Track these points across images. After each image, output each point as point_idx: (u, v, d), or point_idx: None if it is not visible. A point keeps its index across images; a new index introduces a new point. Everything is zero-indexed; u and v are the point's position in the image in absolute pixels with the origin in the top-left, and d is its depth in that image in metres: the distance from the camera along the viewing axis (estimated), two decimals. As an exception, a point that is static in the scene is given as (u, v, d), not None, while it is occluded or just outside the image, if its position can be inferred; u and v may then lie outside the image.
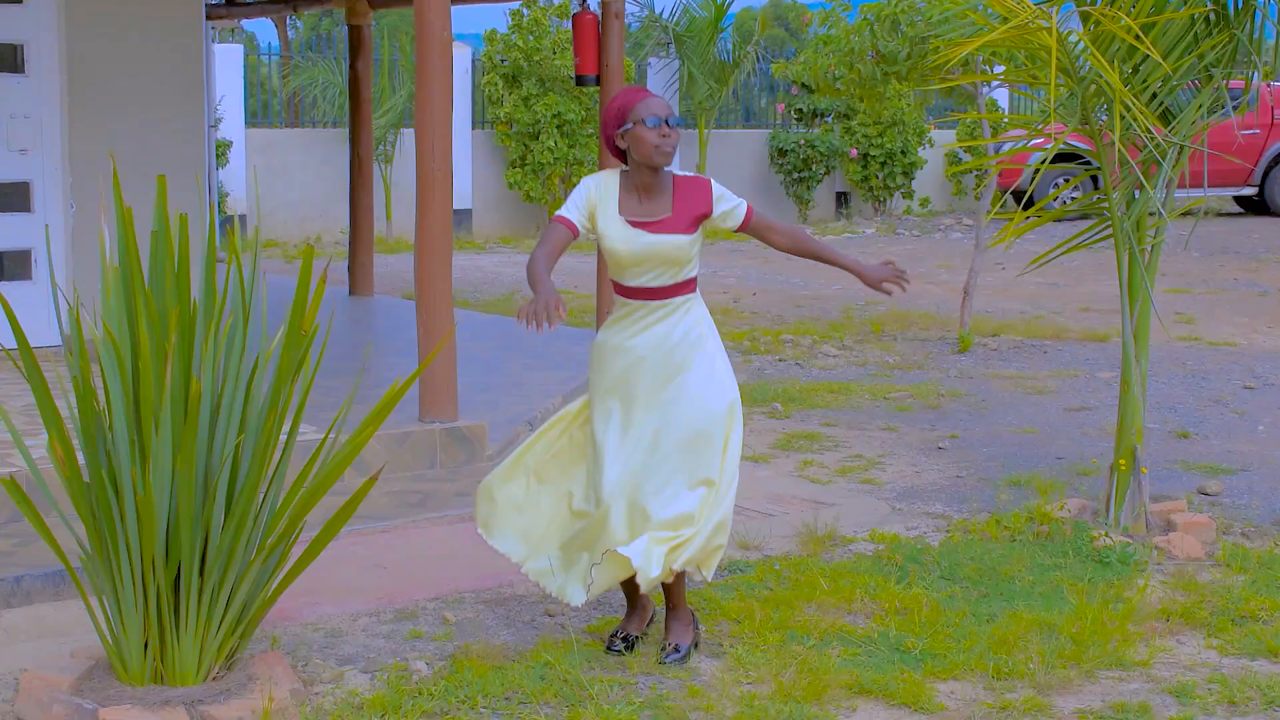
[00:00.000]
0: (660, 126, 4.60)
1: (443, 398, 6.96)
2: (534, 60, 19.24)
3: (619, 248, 4.63)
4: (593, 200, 4.67)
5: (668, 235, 4.63)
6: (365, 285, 12.19)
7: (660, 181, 4.69)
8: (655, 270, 4.64)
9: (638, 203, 4.66)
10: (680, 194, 4.69)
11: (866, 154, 21.69)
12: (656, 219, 4.64)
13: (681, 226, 4.65)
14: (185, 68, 8.97)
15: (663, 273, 4.66)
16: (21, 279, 8.64)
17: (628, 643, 4.78)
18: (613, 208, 4.66)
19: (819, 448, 7.86)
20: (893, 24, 10.61)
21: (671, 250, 4.63)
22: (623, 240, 4.62)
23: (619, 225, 4.64)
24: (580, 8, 9.60)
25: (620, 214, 4.65)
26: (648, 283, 4.66)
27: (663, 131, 4.60)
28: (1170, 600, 5.33)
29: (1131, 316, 6.16)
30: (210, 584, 4.22)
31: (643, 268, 4.64)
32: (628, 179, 4.70)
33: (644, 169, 4.66)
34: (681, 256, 4.65)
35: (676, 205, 4.67)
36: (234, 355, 4.27)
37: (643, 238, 4.62)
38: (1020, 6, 5.57)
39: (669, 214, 4.65)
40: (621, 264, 4.65)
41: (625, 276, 4.68)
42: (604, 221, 4.65)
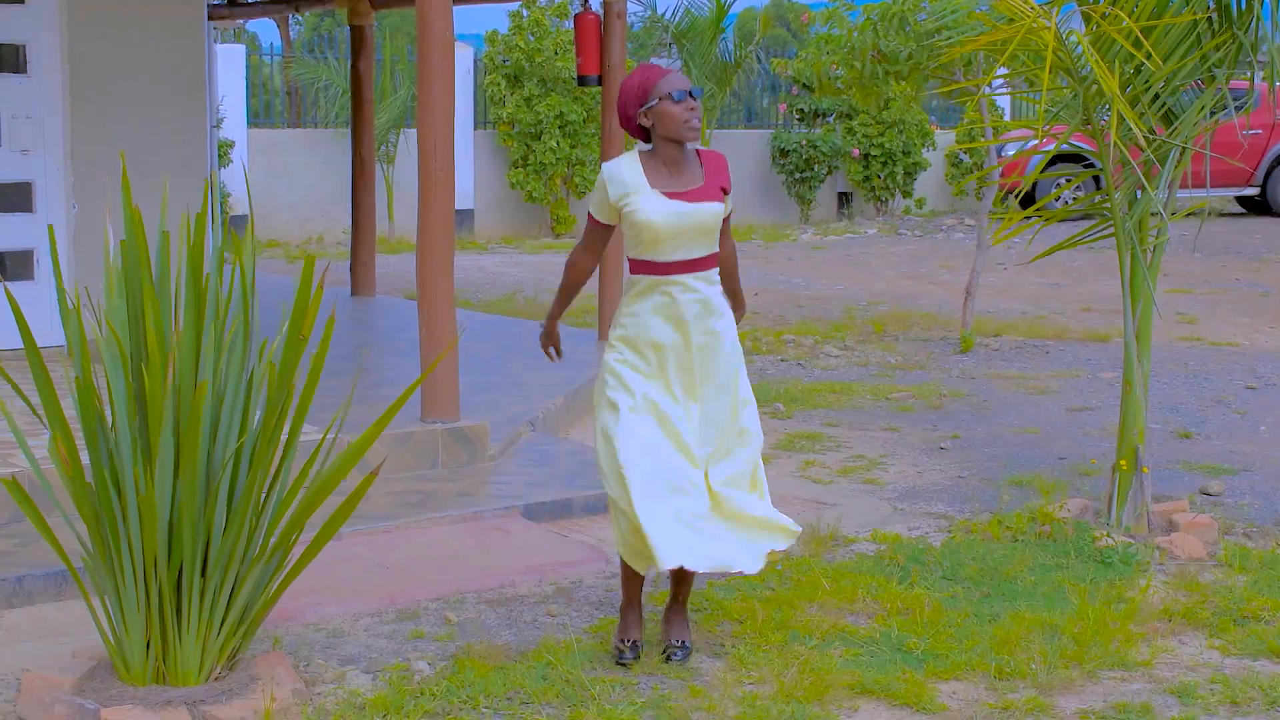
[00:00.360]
0: (686, 100, 4.62)
1: (445, 398, 6.96)
2: (536, 61, 19.24)
3: (659, 221, 4.60)
4: (614, 188, 4.66)
5: (705, 203, 4.65)
6: (367, 285, 12.19)
7: (685, 155, 4.72)
8: (693, 241, 4.65)
9: (668, 175, 4.67)
10: (706, 165, 4.73)
11: (868, 154, 21.70)
12: (690, 188, 4.66)
13: (714, 194, 4.69)
14: (187, 68, 8.98)
15: (700, 242, 4.67)
16: (24, 279, 8.64)
17: (637, 650, 4.77)
18: (642, 183, 4.64)
19: (821, 448, 7.86)
20: (899, 22, 10.60)
21: (709, 218, 4.66)
22: (662, 214, 4.60)
23: (656, 199, 4.62)
24: (582, 8, 9.60)
25: (653, 188, 4.64)
26: (686, 255, 4.65)
27: (689, 105, 4.62)
28: (1172, 600, 5.33)
29: (1133, 317, 6.16)
30: (212, 584, 4.22)
31: (681, 239, 4.64)
32: (651, 157, 4.70)
33: (670, 144, 4.67)
34: (716, 224, 4.69)
35: (707, 175, 4.70)
36: (236, 355, 4.27)
37: (682, 208, 4.62)
38: (1023, 6, 5.57)
39: (701, 183, 4.68)
40: (660, 238, 4.63)
41: (662, 251, 4.65)
42: (640, 201, 4.62)
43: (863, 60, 10.88)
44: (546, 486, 6.63)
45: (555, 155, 19.25)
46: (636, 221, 4.62)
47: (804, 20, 23.31)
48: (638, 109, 4.68)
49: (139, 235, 4.16)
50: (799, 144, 21.51)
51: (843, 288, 14.75)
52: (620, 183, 4.65)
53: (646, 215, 4.61)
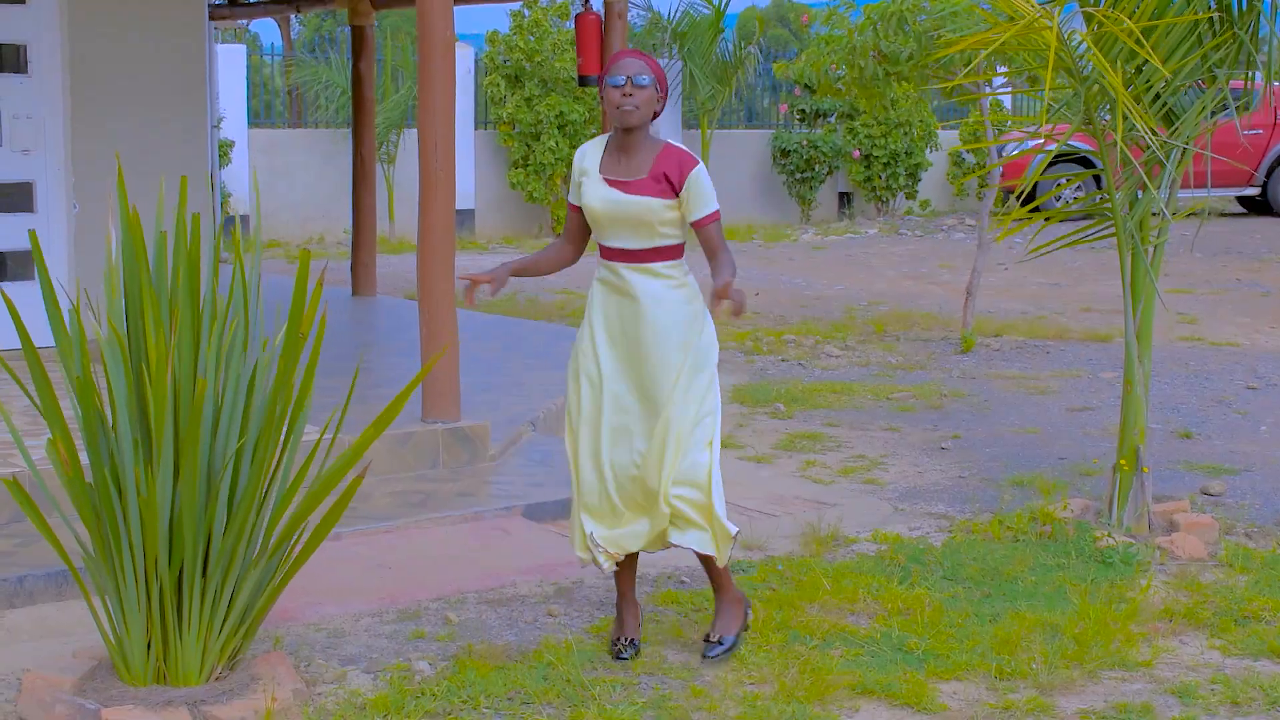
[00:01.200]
0: (624, 85, 4.62)
1: (445, 398, 6.96)
2: (536, 61, 19.24)
3: (594, 204, 4.70)
4: (576, 170, 4.79)
5: (638, 196, 4.65)
6: (368, 285, 12.19)
7: (641, 144, 4.71)
8: (628, 231, 4.68)
9: (616, 162, 4.72)
10: (661, 160, 4.69)
11: (869, 154, 21.70)
12: (628, 179, 4.68)
13: (653, 189, 4.65)
14: (187, 68, 8.98)
15: (635, 234, 4.68)
16: (25, 279, 8.64)
17: (635, 647, 4.77)
18: (593, 168, 4.73)
19: (821, 448, 7.86)
20: (899, 22, 10.60)
21: (641, 211, 4.64)
22: (597, 197, 4.69)
23: (596, 183, 4.71)
24: (583, 8, 9.59)
25: (600, 172, 4.72)
26: (622, 244, 4.70)
27: (625, 90, 4.62)
28: (1173, 600, 5.33)
29: (1134, 317, 6.16)
30: (213, 584, 4.22)
31: (616, 227, 4.69)
32: (613, 141, 4.76)
33: (619, 131, 4.71)
34: (651, 219, 4.65)
35: (654, 169, 4.68)
36: (236, 355, 4.27)
37: (615, 196, 4.66)
38: (1025, 5, 5.57)
39: (644, 176, 4.68)
40: (597, 221, 4.73)
41: (603, 235, 4.75)
42: (586, 184, 4.73)
43: (864, 60, 10.88)
44: (547, 486, 6.62)
45: (555, 155, 19.26)
46: (583, 203, 4.75)
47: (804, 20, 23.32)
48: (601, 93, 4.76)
49: (137, 235, 4.16)
50: (800, 144, 21.51)
51: (843, 288, 14.75)
52: (581, 164, 4.78)
53: (588, 200, 4.72)
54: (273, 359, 4.31)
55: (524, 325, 10.95)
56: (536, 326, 11.00)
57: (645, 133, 4.71)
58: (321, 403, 4.56)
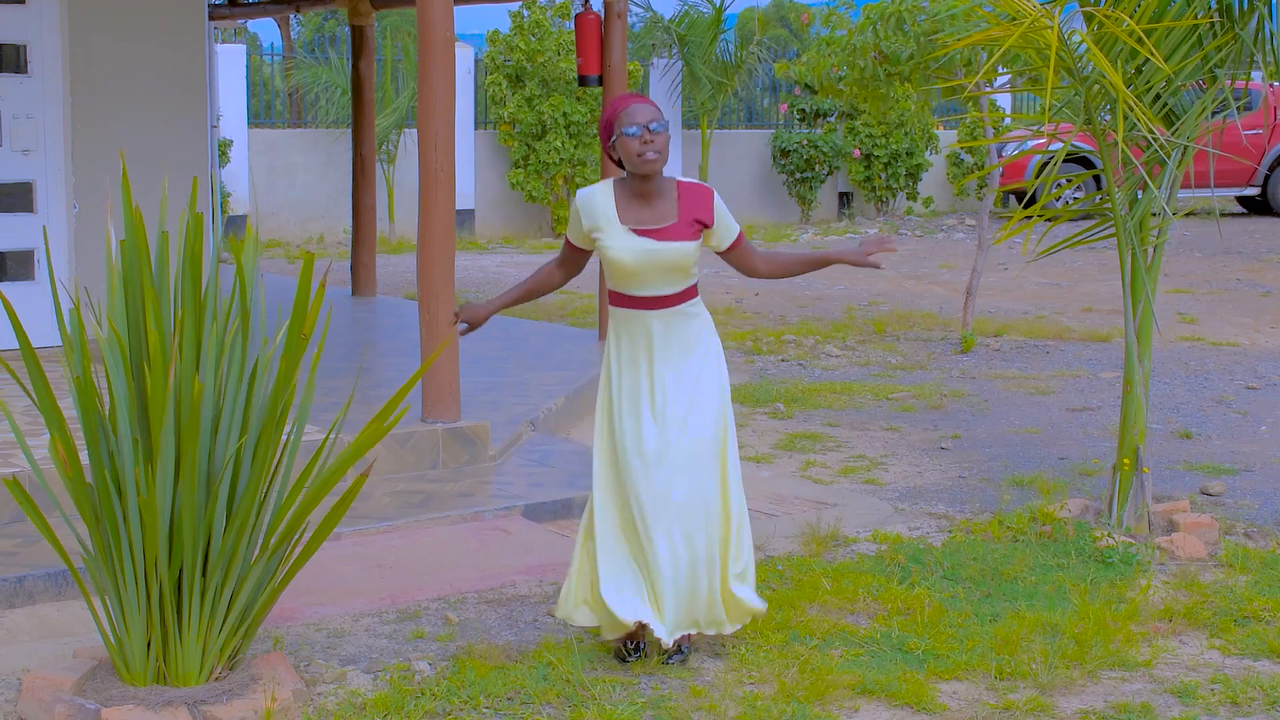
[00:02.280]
0: (641, 134, 4.52)
1: (445, 398, 6.96)
2: (537, 61, 19.24)
3: (624, 257, 4.55)
4: (585, 219, 4.62)
5: (674, 242, 4.57)
6: (368, 285, 12.19)
7: (661, 187, 4.62)
8: (662, 279, 4.58)
9: (639, 209, 4.60)
10: (684, 200, 4.62)
11: (870, 154, 21.70)
12: (661, 226, 4.58)
13: (687, 233, 4.59)
14: (188, 68, 8.98)
15: (668, 280, 4.60)
16: (25, 279, 8.64)
17: (639, 647, 4.76)
18: (612, 218, 4.59)
19: (821, 448, 7.86)
20: (897, 22, 10.60)
21: (678, 258, 4.57)
22: (628, 250, 4.55)
23: (622, 234, 4.56)
24: (583, 8, 9.59)
25: (622, 223, 4.58)
26: (655, 291, 4.60)
27: (644, 139, 4.52)
28: (1173, 600, 5.33)
29: (1134, 317, 6.16)
30: (213, 584, 4.22)
31: (650, 276, 4.57)
32: (625, 187, 4.63)
33: (636, 178, 4.60)
34: (687, 263, 4.59)
35: (681, 211, 4.60)
36: (237, 356, 4.27)
37: (650, 245, 4.55)
38: (1026, 5, 5.57)
39: (674, 220, 4.59)
40: (627, 273, 4.58)
41: (629, 286, 4.61)
42: (608, 237, 4.57)
43: (864, 60, 10.88)
44: (547, 486, 6.63)
45: (559, 155, 19.26)
46: (606, 257, 4.60)
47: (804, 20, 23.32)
48: (607, 143, 4.65)
49: (139, 235, 4.16)
50: (800, 144, 21.51)
51: (843, 288, 14.75)
52: (591, 214, 4.61)
53: (616, 252, 4.56)
54: (274, 359, 4.31)
55: (524, 325, 10.95)
56: (536, 327, 11.00)
57: (661, 176, 4.62)
58: (322, 403, 4.56)
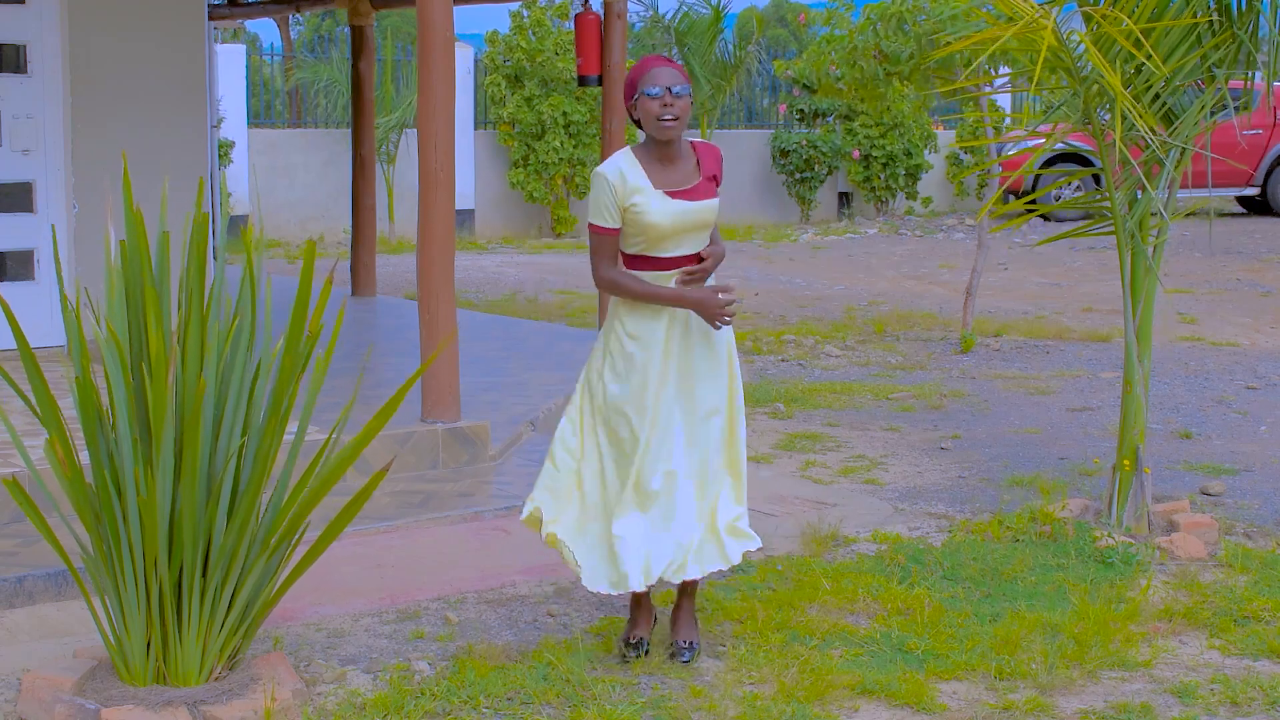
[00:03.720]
0: (663, 95, 4.55)
1: (445, 398, 6.96)
2: (537, 61, 19.24)
3: (662, 220, 4.58)
4: (619, 194, 4.60)
5: (703, 201, 4.65)
6: (368, 285, 12.19)
7: (680, 149, 4.68)
8: (691, 237, 4.66)
9: (665, 172, 4.64)
10: (702, 159, 4.70)
11: (869, 155, 21.70)
12: (689, 186, 4.64)
13: (712, 191, 4.69)
14: (188, 68, 8.98)
15: (697, 238, 4.68)
16: (25, 279, 8.64)
17: (642, 648, 4.76)
18: (645, 184, 4.59)
19: (821, 448, 7.86)
20: (898, 22, 10.60)
21: (708, 214, 4.67)
22: (664, 213, 4.58)
23: (659, 199, 4.59)
24: (583, 8, 9.59)
25: (656, 188, 4.60)
26: (683, 250, 4.66)
27: (665, 100, 4.54)
28: (1173, 601, 5.33)
29: (1134, 317, 6.16)
30: (213, 584, 4.22)
31: (681, 237, 4.64)
32: (646, 151, 4.65)
33: (656, 141, 4.64)
34: (713, 219, 4.70)
35: (702, 170, 4.68)
36: (238, 356, 4.27)
37: (682, 206, 4.61)
38: (1024, 5, 5.57)
39: (699, 179, 4.67)
40: (662, 235, 4.61)
41: (662, 248, 4.63)
42: (643, 200, 4.58)
43: (865, 60, 10.88)
44: (547, 486, 6.61)
45: (558, 155, 19.25)
46: (642, 222, 4.58)
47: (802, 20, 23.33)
48: (629, 102, 4.67)
49: (140, 235, 4.16)
50: (799, 144, 21.51)
51: (843, 288, 14.75)
52: (624, 184, 4.59)
53: (652, 217, 4.57)
54: (275, 359, 4.31)
55: (524, 325, 10.95)
56: (536, 326, 11.00)
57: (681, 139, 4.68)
58: (321, 403, 4.56)
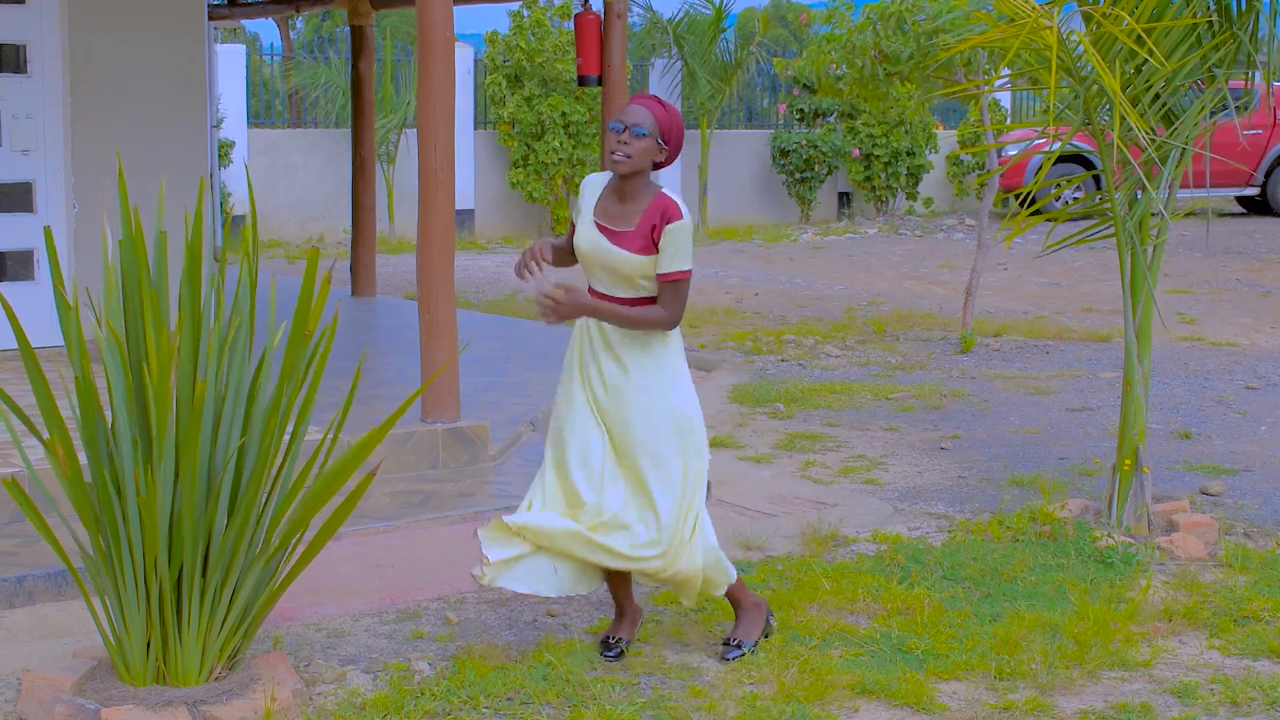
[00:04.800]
0: (620, 133, 4.51)
1: (445, 398, 6.96)
2: (536, 61, 19.24)
3: (580, 245, 4.64)
4: (582, 200, 4.70)
5: (623, 250, 4.55)
6: (368, 285, 12.19)
7: (637, 192, 4.59)
8: (609, 278, 4.62)
9: (609, 206, 4.64)
10: (649, 212, 4.57)
11: (870, 154, 21.70)
12: (618, 229, 4.59)
13: (635, 244, 4.55)
14: (187, 68, 8.98)
15: (618, 283, 4.61)
16: (24, 279, 8.64)
17: (619, 651, 4.75)
18: (589, 209, 4.66)
19: (821, 448, 7.86)
20: (897, 22, 10.60)
21: (623, 265, 4.56)
22: (585, 240, 4.63)
23: (588, 225, 4.64)
24: (582, 8, 9.60)
25: (592, 214, 4.64)
26: (608, 290, 4.64)
27: (619, 139, 4.51)
28: (1172, 600, 5.33)
29: (1134, 317, 6.16)
30: (213, 584, 4.22)
31: (597, 272, 4.64)
32: (611, 182, 4.67)
33: (616, 176, 4.63)
34: (631, 273, 4.56)
35: (642, 221, 4.57)
36: (238, 356, 4.27)
37: (600, 242, 4.59)
38: (1024, 6, 5.58)
39: (632, 228, 4.57)
40: (583, 261, 4.69)
41: (589, 277, 4.71)
42: (580, 218, 4.67)
43: (864, 60, 10.88)
44: (547, 486, 6.61)
45: (558, 155, 19.25)
46: (574, 240, 4.69)
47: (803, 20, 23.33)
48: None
49: (137, 235, 4.16)
50: (799, 144, 21.51)
51: (843, 288, 14.75)
52: (581, 195, 4.70)
53: (577, 239, 4.65)
54: (275, 359, 4.31)
55: (524, 325, 10.95)
56: (536, 327, 10.99)
57: (642, 180, 4.60)
58: (321, 403, 4.56)
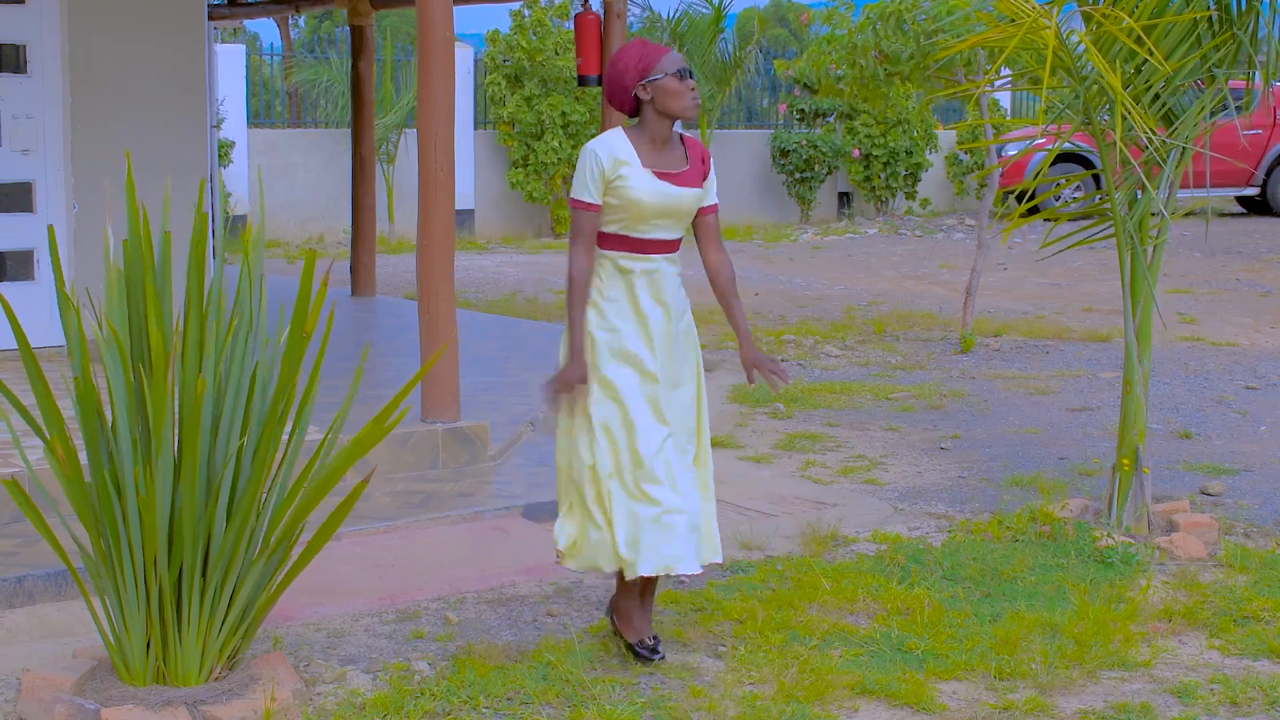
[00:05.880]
0: (689, 79, 4.65)
1: (445, 398, 6.96)
2: (537, 61, 19.24)
3: (646, 199, 4.61)
4: (607, 169, 4.60)
5: (689, 188, 4.69)
6: (367, 285, 12.19)
7: (673, 135, 4.75)
8: (671, 222, 4.69)
9: (655, 155, 4.68)
10: (690, 150, 4.76)
11: (869, 154, 21.70)
12: (678, 171, 4.69)
13: (697, 180, 4.72)
14: (187, 68, 8.98)
15: (677, 225, 4.71)
16: (24, 279, 8.64)
17: (655, 648, 4.74)
18: (636, 162, 4.63)
19: (821, 448, 7.85)
20: (897, 22, 10.60)
21: (691, 203, 4.70)
22: (650, 192, 4.62)
23: (647, 178, 4.63)
24: (582, 8, 9.60)
25: (645, 166, 4.64)
26: (663, 235, 4.68)
27: (691, 85, 4.66)
28: (1172, 600, 5.33)
29: (1134, 317, 6.16)
30: (212, 584, 4.22)
31: (662, 220, 4.67)
32: (638, 134, 4.68)
33: (664, 122, 4.67)
34: (692, 209, 4.73)
35: (691, 159, 4.73)
36: (237, 355, 4.27)
37: (669, 189, 4.65)
38: (1024, 6, 5.57)
39: (687, 166, 4.72)
40: (643, 215, 4.63)
41: (641, 229, 4.65)
42: (631, 177, 4.61)
43: (864, 60, 10.88)
44: (547, 486, 6.61)
45: (558, 155, 19.26)
46: (626, 197, 4.60)
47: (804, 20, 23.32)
48: (637, 81, 4.64)
49: (145, 235, 4.16)
50: (799, 144, 21.51)
51: (843, 288, 14.75)
52: (614, 157, 4.60)
53: (636, 193, 4.61)
54: (275, 359, 4.31)
55: (524, 325, 10.95)
56: (536, 326, 11.00)
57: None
58: (321, 403, 4.56)
